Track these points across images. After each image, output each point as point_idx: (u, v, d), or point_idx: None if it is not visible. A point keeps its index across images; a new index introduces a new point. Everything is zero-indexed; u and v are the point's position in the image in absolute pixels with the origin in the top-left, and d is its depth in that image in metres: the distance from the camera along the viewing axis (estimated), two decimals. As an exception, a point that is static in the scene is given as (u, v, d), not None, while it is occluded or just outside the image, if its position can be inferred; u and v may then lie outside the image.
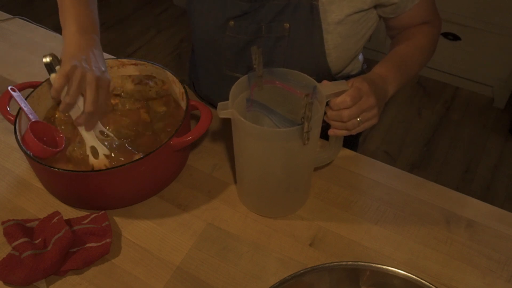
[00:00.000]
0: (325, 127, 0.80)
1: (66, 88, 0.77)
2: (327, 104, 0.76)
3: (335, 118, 0.76)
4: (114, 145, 0.85)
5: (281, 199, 0.82)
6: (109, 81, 0.79)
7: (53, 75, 0.81)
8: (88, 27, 0.83)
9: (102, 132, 0.86)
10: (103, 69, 0.79)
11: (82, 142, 0.84)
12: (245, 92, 0.78)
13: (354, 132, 0.77)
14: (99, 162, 0.83)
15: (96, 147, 0.83)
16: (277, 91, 0.79)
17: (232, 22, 0.91)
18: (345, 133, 0.78)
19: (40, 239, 0.76)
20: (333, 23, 0.87)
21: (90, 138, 0.83)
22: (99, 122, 0.85)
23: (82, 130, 0.83)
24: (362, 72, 1.09)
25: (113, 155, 0.84)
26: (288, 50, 0.91)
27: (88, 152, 0.83)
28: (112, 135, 0.86)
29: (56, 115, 0.92)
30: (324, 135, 0.90)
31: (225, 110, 0.71)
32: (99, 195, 0.82)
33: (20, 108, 0.86)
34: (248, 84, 0.77)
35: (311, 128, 0.68)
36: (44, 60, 0.81)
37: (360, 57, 1.08)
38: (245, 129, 0.71)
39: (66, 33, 0.82)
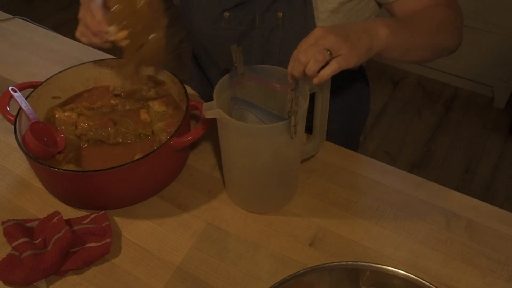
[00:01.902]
0: (309, 120, 0.79)
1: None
2: (311, 97, 0.76)
3: (296, 62, 0.68)
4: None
5: (270, 195, 0.83)
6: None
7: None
8: None
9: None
10: None
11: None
12: (229, 90, 0.78)
13: (327, 72, 0.67)
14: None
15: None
16: (259, 88, 0.79)
17: (227, 14, 0.91)
18: (316, 68, 0.66)
19: (40, 239, 0.76)
20: (326, 11, 0.86)
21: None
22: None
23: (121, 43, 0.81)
24: (362, 67, 1.08)
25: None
26: (282, 39, 0.90)
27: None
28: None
29: (56, 115, 0.92)
30: (308, 128, 0.89)
31: (210, 110, 0.71)
32: (99, 195, 0.82)
33: (20, 108, 0.86)
34: (230, 83, 0.77)
35: (297, 121, 0.68)
36: None
37: None
38: (232, 128, 0.72)
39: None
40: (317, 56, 0.65)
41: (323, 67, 0.67)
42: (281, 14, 0.88)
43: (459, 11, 0.87)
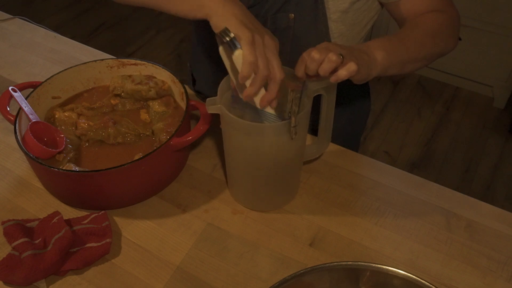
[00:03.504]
0: (314, 122, 0.79)
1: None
2: (318, 100, 0.76)
3: (310, 60, 0.67)
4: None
5: (271, 193, 0.83)
6: (275, 42, 0.70)
7: (237, 52, 0.67)
8: None
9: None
10: (263, 27, 0.70)
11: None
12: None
13: (344, 73, 0.67)
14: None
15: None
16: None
17: None
18: (330, 68, 0.66)
19: (40, 239, 0.76)
20: (338, 11, 0.87)
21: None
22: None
23: (268, 109, 0.71)
24: None
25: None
26: (294, 40, 0.91)
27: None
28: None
29: (56, 115, 0.92)
30: (313, 130, 0.89)
31: (213, 106, 0.71)
32: (99, 195, 0.82)
33: (20, 108, 0.86)
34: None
35: (298, 122, 0.68)
36: (226, 38, 0.67)
37: None
38: (233, 124, 0.72)
39: None
40: (331, 56, 0.66)
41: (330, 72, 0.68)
42: (293, 15, 0.88)
43: (456, 14, 0.88)
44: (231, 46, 0.67)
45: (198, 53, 1.10)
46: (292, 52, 0.91)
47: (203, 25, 0.97)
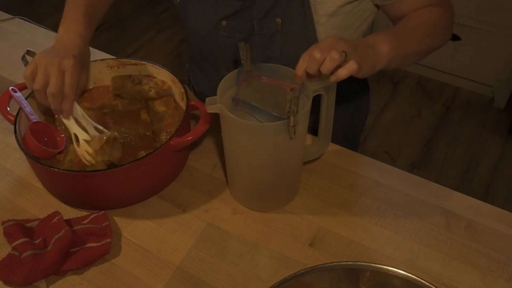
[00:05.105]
0: (314, 122, 0.78)
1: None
2: (318, 100, 0.76)
3: (311, 60, 0.68)
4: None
5: (271, 193, 0.83)
6: (72, 63, 0.79)
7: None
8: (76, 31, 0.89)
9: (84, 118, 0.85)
10: (70, 55, 0.80)
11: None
12: (234, 87, 0.78)
13: (345, 72, 0.67)
14: (80, 149, 0.82)
15: (76, 133, 0.83)
16: (266, 86, 0.79)
17: (225, 22, 0.91)
18: (332, 66, 0.67)
19: (40, 239, 0.76)
20: (326, 15, 0.86)
21: (70, 125, 0.82)
22: (78, 109, 0.84)
23: (62, 119, 0.83)
24: None
25: (92, 139, 0.83)
26: (283, 45, 0.90)
27: (74, 141, 0.83)
28: (92, 122, 0.85)
29: (56, 115, 0.91)
30: (314, 130, 0.89)
31: (213, 105, 0.71)
32: (99, 195, 0.82)
33: (21, 108, 0.86)
34: (236, 80, 0.77)
35: (297, 122, 0.68)
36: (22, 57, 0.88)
37: None
38: (233, 124, 0.72)
39: (57, 35, 0.88)
40: (333, 55, 0.66)
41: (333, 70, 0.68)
42: (280, 20, 0.88)
43: (452, 7, 0.89)
44: (24, 64, 0.85)
45: (196, 55, 1.10)
46: (282, 56, 0.91)
47: (196, 30, 0.97)
